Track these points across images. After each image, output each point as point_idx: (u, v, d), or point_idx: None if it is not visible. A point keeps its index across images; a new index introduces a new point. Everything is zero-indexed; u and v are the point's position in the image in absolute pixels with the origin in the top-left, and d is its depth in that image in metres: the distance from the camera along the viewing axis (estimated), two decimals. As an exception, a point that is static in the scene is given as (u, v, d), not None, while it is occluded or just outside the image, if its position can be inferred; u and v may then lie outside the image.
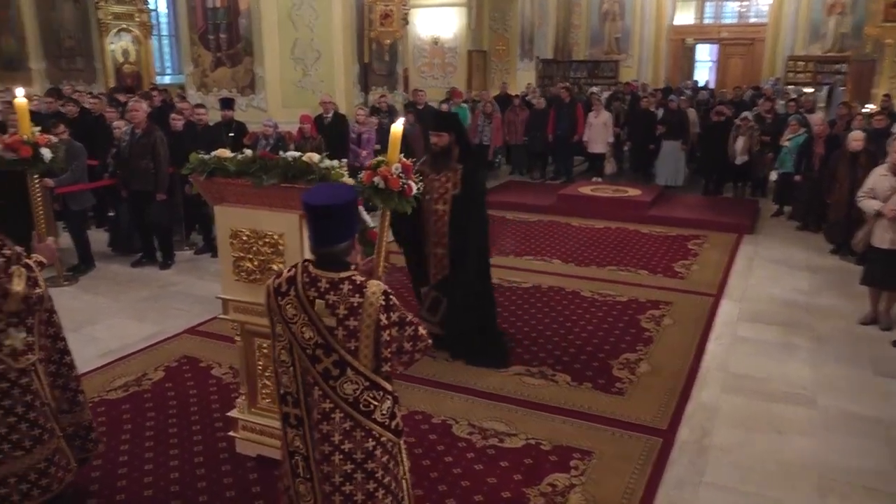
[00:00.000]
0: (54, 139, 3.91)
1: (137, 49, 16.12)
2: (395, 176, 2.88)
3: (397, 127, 3.03)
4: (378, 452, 2.57)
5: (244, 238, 3.69)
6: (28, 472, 3.04)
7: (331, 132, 9.56)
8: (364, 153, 9.88)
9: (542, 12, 19.66)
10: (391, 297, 2.46)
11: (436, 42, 16.15)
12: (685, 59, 25.00)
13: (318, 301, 2.46)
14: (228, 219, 3.73)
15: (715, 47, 24.82)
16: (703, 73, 24.99)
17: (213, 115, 8.84)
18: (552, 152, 13.16)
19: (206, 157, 3.66)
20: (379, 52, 11.10)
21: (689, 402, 4.70)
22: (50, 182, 6.94)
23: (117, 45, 15.63)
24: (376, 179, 2.83)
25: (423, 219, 5.29)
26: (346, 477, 2.54)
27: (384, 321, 2.42)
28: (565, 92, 12.93)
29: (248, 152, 3.66)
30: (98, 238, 8.24)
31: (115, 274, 7.39)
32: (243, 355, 3.92)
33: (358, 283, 2.46)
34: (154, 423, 4.35)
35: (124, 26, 15.65)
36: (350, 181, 3.55)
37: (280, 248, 3.60)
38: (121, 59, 15.73)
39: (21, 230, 4.90)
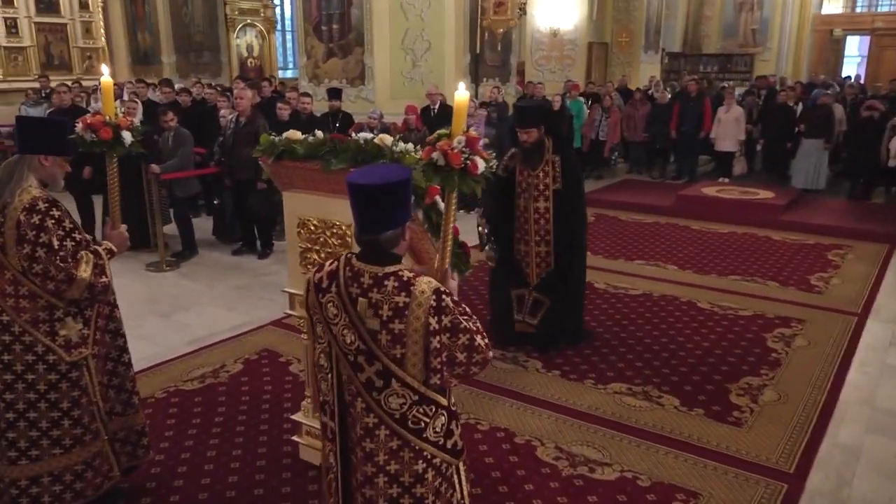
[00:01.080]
0: (136, 122, 3.78)
1: (261, 44, 16.60)
2: (456, 150, 2.39)
3: (462, 95, 2.56)
4: (429, 476, 2.19)
5: (312, 228, 3.38)
6: (64, 472, 2.86)
7: (437, 124, 9.21)
8: (471, 147, 9.49)
9: (671, 2, 18.51)
10: (445, 297, 2.08)
11: (555, 34, 15.52)
12: (832, 53, 22.88)
13: (360, 300, 2.09)
14: (296, 206, 3.45)
15: (866, 39, 22.52)
16: (852, 68, 22.74)
17: (324, 107, 8.78)
18: (675, 150, 12.24)
19: (276, 138, 3.39)
20: (491, 43, 10.70)
21: (823, 441, 3.96)
22: (156, 168, 7.05)
23: (242, 40, 16.15)
24: (435, 155, 2.38)
25: (519, 217, 4.97)
26: (392, 502, 2.18)
27: (434, 325, 2.04)
28: (693, 84, 11.97)
29: (320, 134, 3.35)
30: (204, 226, 8.36)
31: (215, 262, 7.42)
32: (309, 353, 3.63)
33: (405, 279, 2.07)
34: (223, 419, 4.15)
35: (249, 22, 16.14)
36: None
37: (348, 239, 3.26)
38: (245, 54, 16.23)
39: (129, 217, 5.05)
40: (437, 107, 9.31)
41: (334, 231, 3.31)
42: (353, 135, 3.56)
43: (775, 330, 5.52)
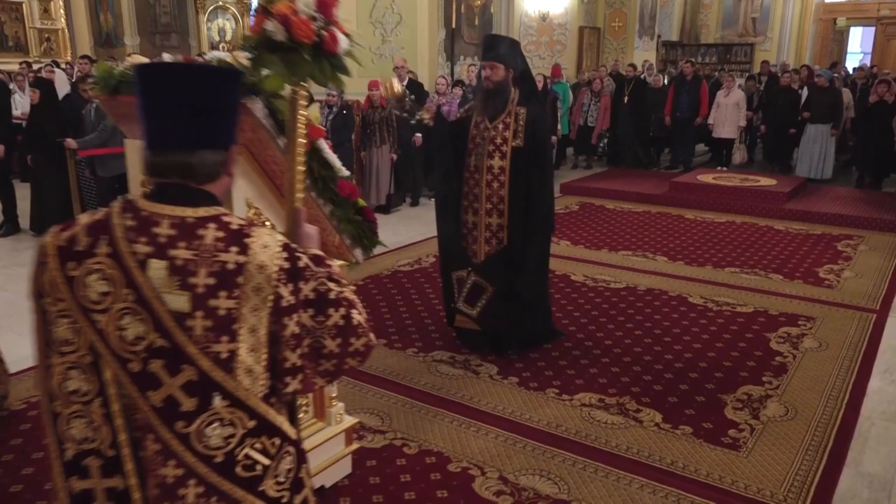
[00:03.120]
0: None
1: (234, 28, 15.73)
2: (302, 16, 1.49)
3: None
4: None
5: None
6: None
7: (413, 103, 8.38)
8: (443, 128, 8.65)
9: (668, -14, 17.66)
10: (300, 255, 1.34)
11: (544, 18, 14.66)
12: (835, 43, 22.01)
13: (153, 262, 1.28)
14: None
15: (871, 31, 21.65)
16: (855, 61, 21.88)
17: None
18: (669, 137, 11.38)
19: (116, 67, 2.53)
20: (469, 18, 9.85)
21: (843, 470, 3.10)
22: (72, 143, 6.24)
23: (214, 23, 15.29)
24: (270, 25, 1.48)
25: (469, 179, 4.05)
26: None
27: (289, 299, 1.30)
28: (689, 66, 11.11)
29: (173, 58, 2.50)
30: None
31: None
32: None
33: (235, 227, 1.31)
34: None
35: (221, 4, 15.28)
36: (315, 113, 2.33)
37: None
38: (217, 38, 15.37)
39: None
40: (404, 83, 8.45)
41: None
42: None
43: (780, 329, 4.66)
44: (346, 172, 2.49)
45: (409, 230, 7.42)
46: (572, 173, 10.86)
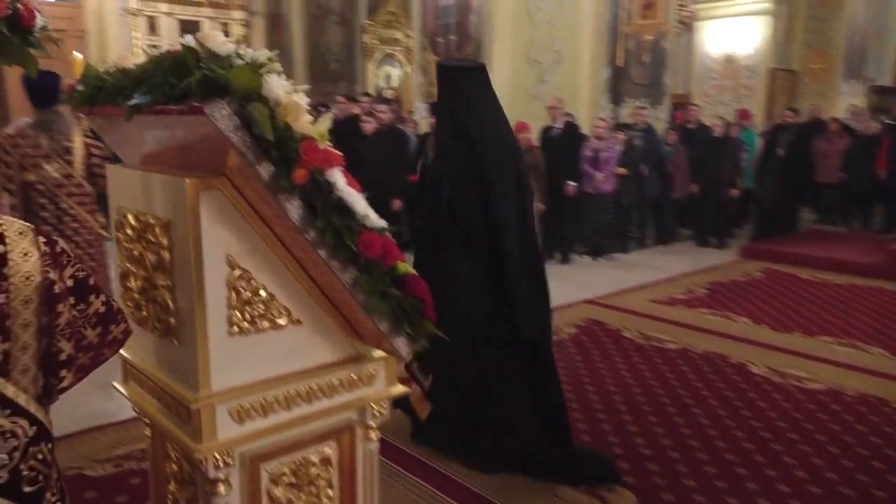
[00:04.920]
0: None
1: (400, 74, 15.76)
2: None
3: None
4: None
5: (129, 230, 1.79)
6: None
7: (557, 147, 7.46)
8: (601, 176, 7.61)
9: (881, 21, 15.32)
10: (55, 238, 1.26)
11: (729, 60, 13.16)
12: None
13: None
14: (119, 189, 1.88)
15: None
16: None
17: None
18: (883, 195, 9.42)
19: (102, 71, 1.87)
20: (637, 54, 8.79)
21: None
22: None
23: (381, 70, 15.41)
24: None
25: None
26: None
27: (59, 283, 1.21)
28: (911, 111, 9.19)
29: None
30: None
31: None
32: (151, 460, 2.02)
33: None
34: None
35: (389, 52, 15.39)
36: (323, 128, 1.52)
37: (163, 253, 1.64)
38: (383, 85, 15.46)
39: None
40: (559, 125, 7.53)
41: (149, 237, 1.69)
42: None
43: None
44: (378, 222, 1.62)
45: (553, 291, 6.40)
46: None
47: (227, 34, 9.75)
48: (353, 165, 1.72)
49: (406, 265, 1.69)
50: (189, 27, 13.71)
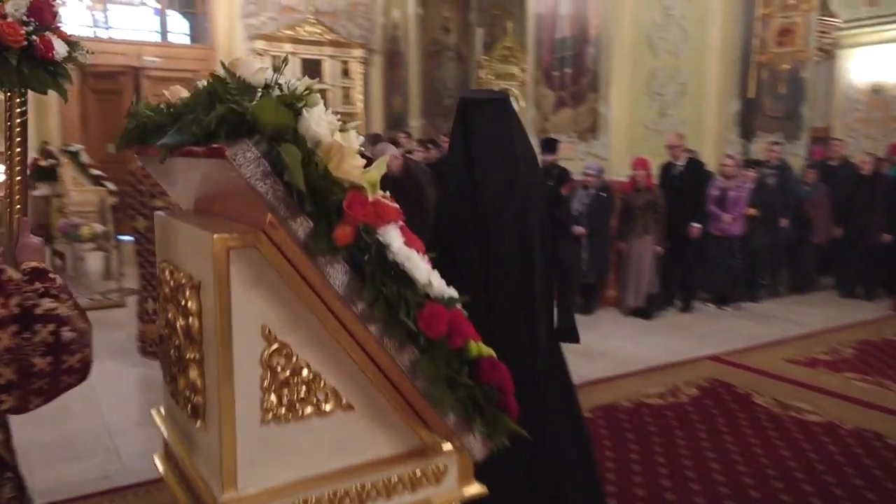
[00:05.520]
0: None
1: (517, 109, 15.57)
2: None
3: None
4: None
5: (166, 287, 1.56)
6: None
7: (680, 186, 6.90)
8: (728, 218, 6.95)
9: None
10: (5, 269, 1.27)
11: (877, 90, 11.99)
12: None
13: None
14: (161, 239, 1.66)
15: None
16: None
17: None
18: None
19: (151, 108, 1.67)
20: (772, 85, 8.02)
21: None
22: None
23: (496, 105, 15.28)
24: None
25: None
26: None
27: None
28: None
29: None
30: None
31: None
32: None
33: None
34: None
35: (505, 86, 15.25)
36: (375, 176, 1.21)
37: (192, 319, 1.38)
38: (497, 120, 15.31)
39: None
40: (681, 163, 6.96)
41: (181, 300, 1.44)
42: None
43: None
44: (445, 291, 1.28)
45: (671, 344, 5.83)
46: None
47: (346, 72, 9.97)
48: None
49: (481, 345, 1.34)
50: (311, 66, 14.21)
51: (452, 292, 1.31)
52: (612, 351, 5.58)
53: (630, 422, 4.16)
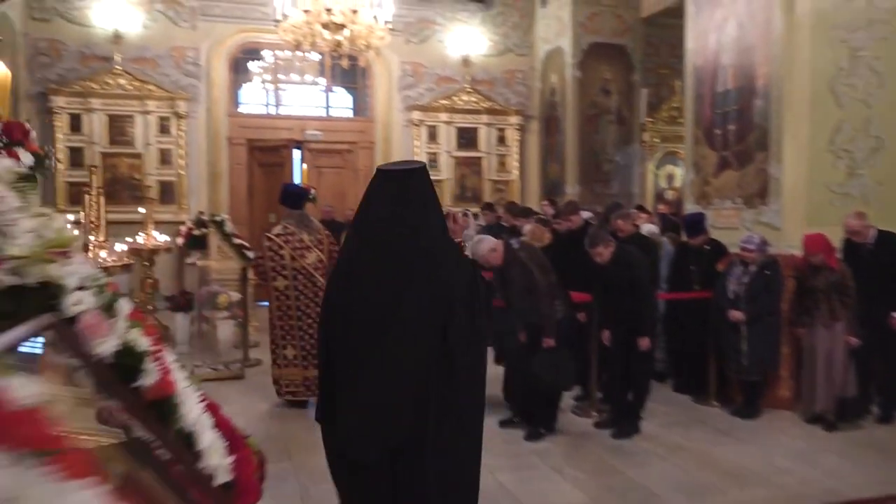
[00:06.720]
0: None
1: (685, 174, 14.28)
2: None
3: None
4: None
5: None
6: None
7: (870, 266, 5.51)
8: (944, 304, 5.41)
9: None
10: None
11: None
12: None
13: None
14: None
15: None
16: None
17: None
18: None
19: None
20: None
21: None
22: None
23: (662, 169, 14.15)
24: None
25: None
26: None
27: None
28: None
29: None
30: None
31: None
32: None
33: None
34: None
35: (671, 149, 14.09)
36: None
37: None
38: (664, 185, 14.13)
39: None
40: (870, 240, 5.57)
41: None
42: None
43: None
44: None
45: (862, 471, 4.45)
46: None
47: (502, 140, 9.53)
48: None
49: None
50: (466, 134, 14.06)
51: None
52: (774, 476, 4.35)
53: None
